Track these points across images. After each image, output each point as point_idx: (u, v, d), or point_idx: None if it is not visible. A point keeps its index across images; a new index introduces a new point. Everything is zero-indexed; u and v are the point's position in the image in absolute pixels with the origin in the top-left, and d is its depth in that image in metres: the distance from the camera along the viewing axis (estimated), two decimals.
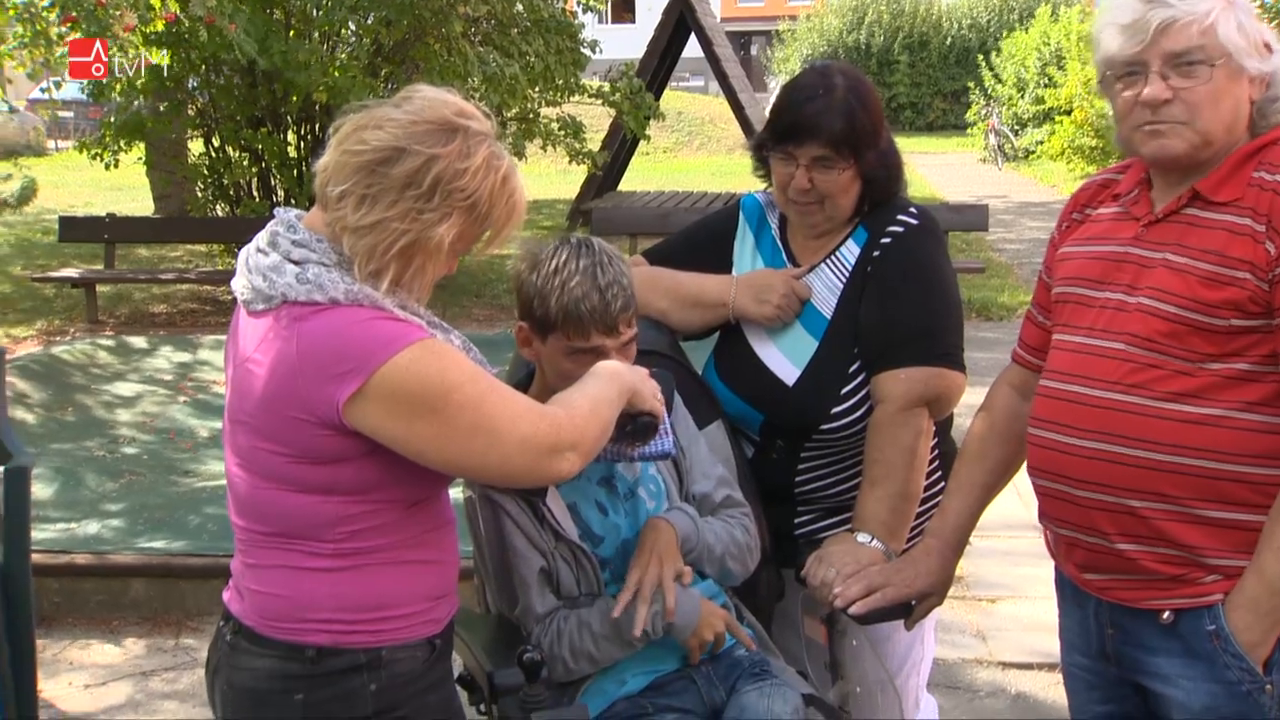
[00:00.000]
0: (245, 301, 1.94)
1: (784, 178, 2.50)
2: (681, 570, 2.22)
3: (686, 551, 2.28)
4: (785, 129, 2.47)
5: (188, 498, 5.67)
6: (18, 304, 10.57)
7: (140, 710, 3.95)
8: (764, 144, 2.54)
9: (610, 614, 2.22)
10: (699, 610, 2.28)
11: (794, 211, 2.55)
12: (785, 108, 2.49)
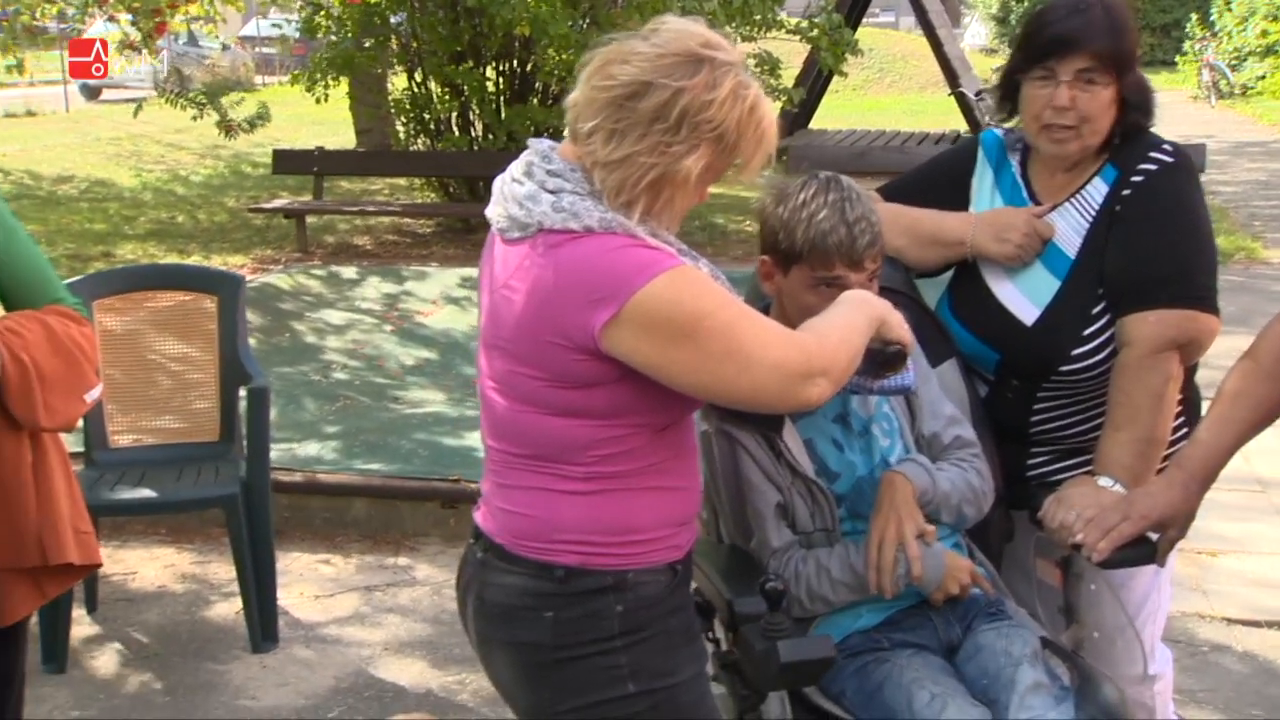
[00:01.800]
0: (501, 229, 1.98)
1: (1040, 100, 2.42)
2: (924, 528, 2.22)
3: (924, 504, 2.26)
4: (1047, 43, 2.39)
5: (398, 423, 5.88)
6: (232, 233, 11.05)
7: (365, 623, 4.13)
8: (1016, 69, 2.47)
9: (849, 561, 2.24)
10: (943, 566, 2.27)
11: (1047, 139, 2.46)
12: (1044, 24, 2.42)
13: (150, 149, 16.57)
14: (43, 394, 2.54)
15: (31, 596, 2.68)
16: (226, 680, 3.77)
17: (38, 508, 2.61)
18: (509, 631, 2.00)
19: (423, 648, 3.96)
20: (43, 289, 2.73)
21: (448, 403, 6.25)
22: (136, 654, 3.94)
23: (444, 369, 6.90)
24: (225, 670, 3.83)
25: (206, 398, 4.32)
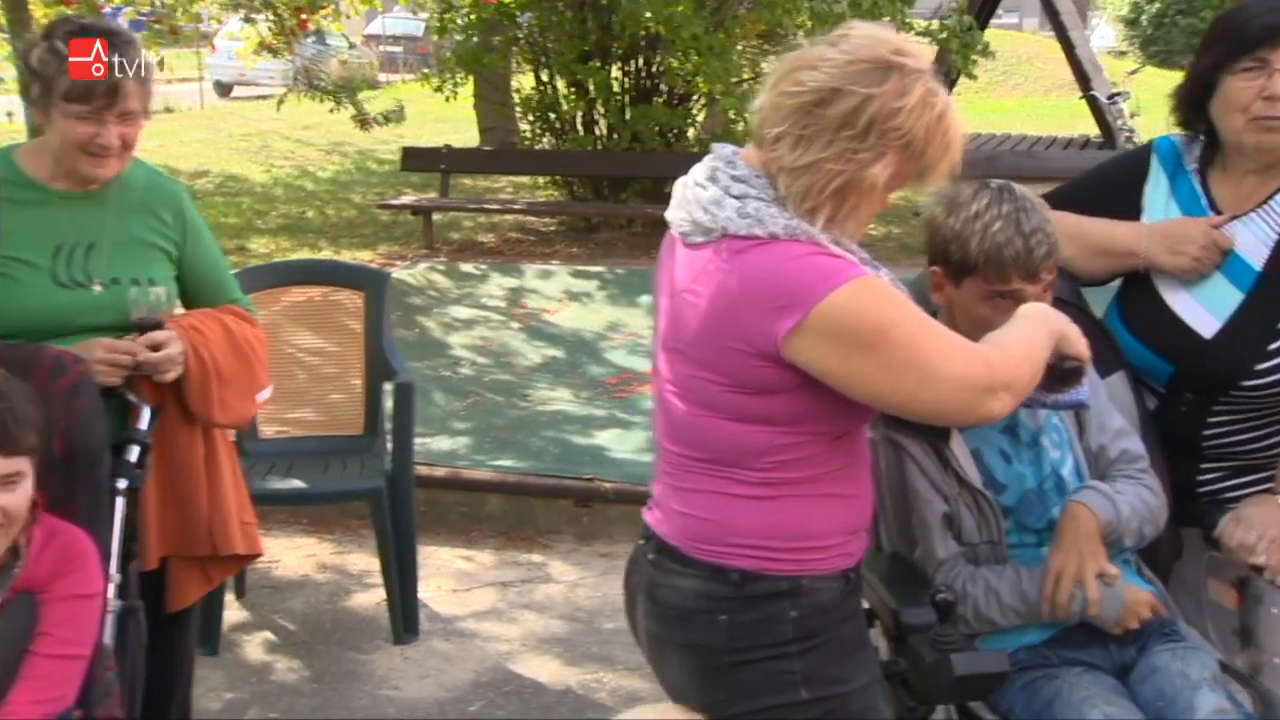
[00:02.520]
0: (683, 233, 1.99)
1: (1249, 92, 2.33)
2: (1106, 569, 2.18)
3: (1110, 536, 2.22)
4: (1259, 32, 2.32)
5: (528, 420, 5.94)
6: (360, 229, 11.24)
7: (502, 618, 4.18)
8: (1215, 65, 2.38)
9: (1021, 588, 2.21)
10: (1123, 603, 2.23)
11: (1256, 131, 2.36)
12: (1250, 17, 2.34)
13: (280, 145, 16.95)
14: (219, 391, 2.63)
15: (199, 583, 2.78)
16: (370, 670, 3.84)
17: (209, 500, 2.70)
18: (683, 633, 2.01)
19: (559, 645, 3.99)
20: (221, 289, 2.82)
21: (575, 401, 6.29)
22: (283, 640, 4.03)
23: (570, 367, 6.95)
24: (368, 660, 3.90)
25: (351, 392, 4.41)
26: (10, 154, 2.66)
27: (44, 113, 2.56)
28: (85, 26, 2.54)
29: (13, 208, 2.59)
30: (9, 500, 2.16)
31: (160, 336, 2.58)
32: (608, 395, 6.39)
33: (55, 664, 2.20)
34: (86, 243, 2.62)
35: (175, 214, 2.75)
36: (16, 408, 2.17)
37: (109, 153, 2.55)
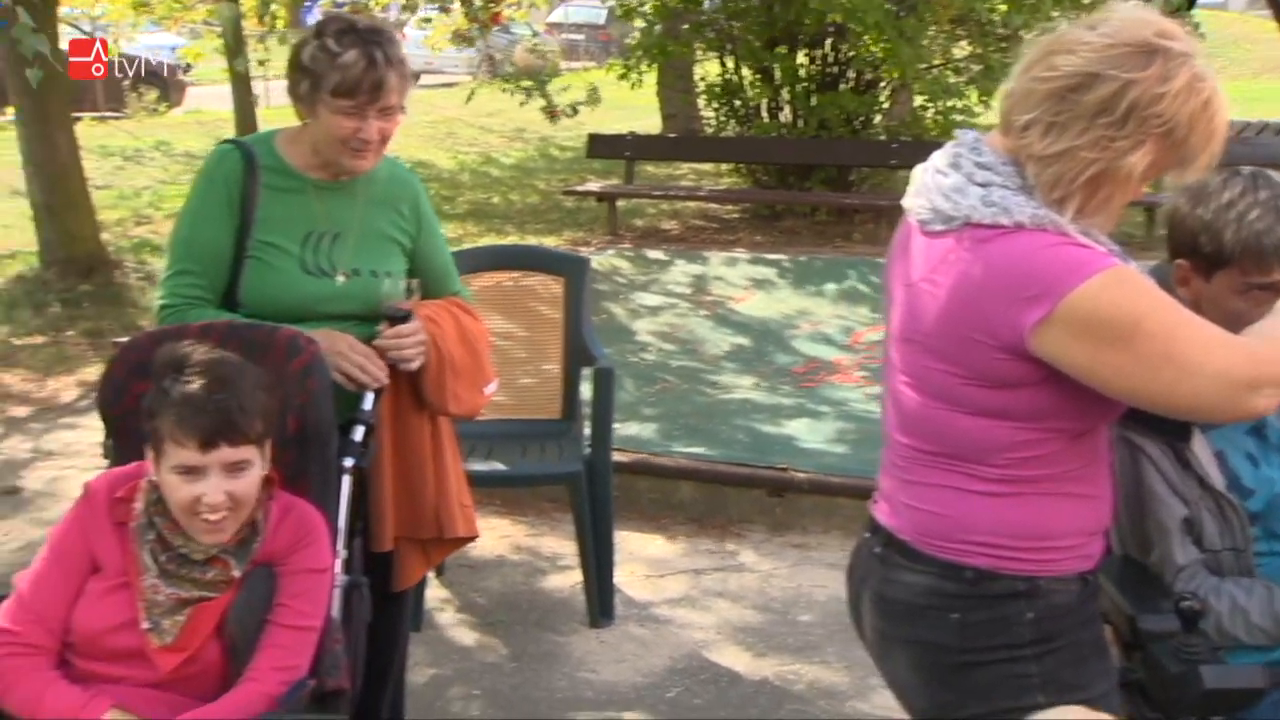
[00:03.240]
0: (922, 221, 1.94)
1: None
2: None
3: None
4: None
5: (716, 408, 5.92)
6: (545, 215, 11.40)
7: (696, 606, 4.18)
8: None
9: (1274, 608, 2.10)
10: None
11: None
12: None
13: (464, 131, 17.29)
14: (452, 383, 2.69)
15: (421, 564, 2.85)
16: (567, 652, 3.88)
17: (435, 485, 2.76)
18: (912, 630, 1.96)
19: (754, 635, 3.97)
20: (446, 281, 2.89)
21: (762, 390, 6.25)
22: (482, 619, 4.10)
23: (757, 355, 6.91)
24: (565, 642, 3.94)
25: (545, 376, 4.46)
26: (272, 140, 2.75)
27: (309, 108, 2.63)
28: (352, 25, 2.60)
29: (271, 194, 2.68)
30: (235, 486, 2.22)
31: (408, 328, 2.65)
32: (795, 384, 6.34)
33: (292, 634, 2.27)
34: (334, 232, 2.71)
35: (412, 207, 2.83)
36: (243, 398, 2.22)
37: (369, 147, 2.62)
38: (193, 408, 2.19)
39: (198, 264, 2.68)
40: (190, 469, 2.20)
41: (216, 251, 2.67)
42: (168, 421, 2.21)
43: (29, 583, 2.27)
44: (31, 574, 2.29)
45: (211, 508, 2.20)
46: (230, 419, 2.19)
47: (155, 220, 11.12)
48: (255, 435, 2.23)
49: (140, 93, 18.54)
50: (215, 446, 2.18)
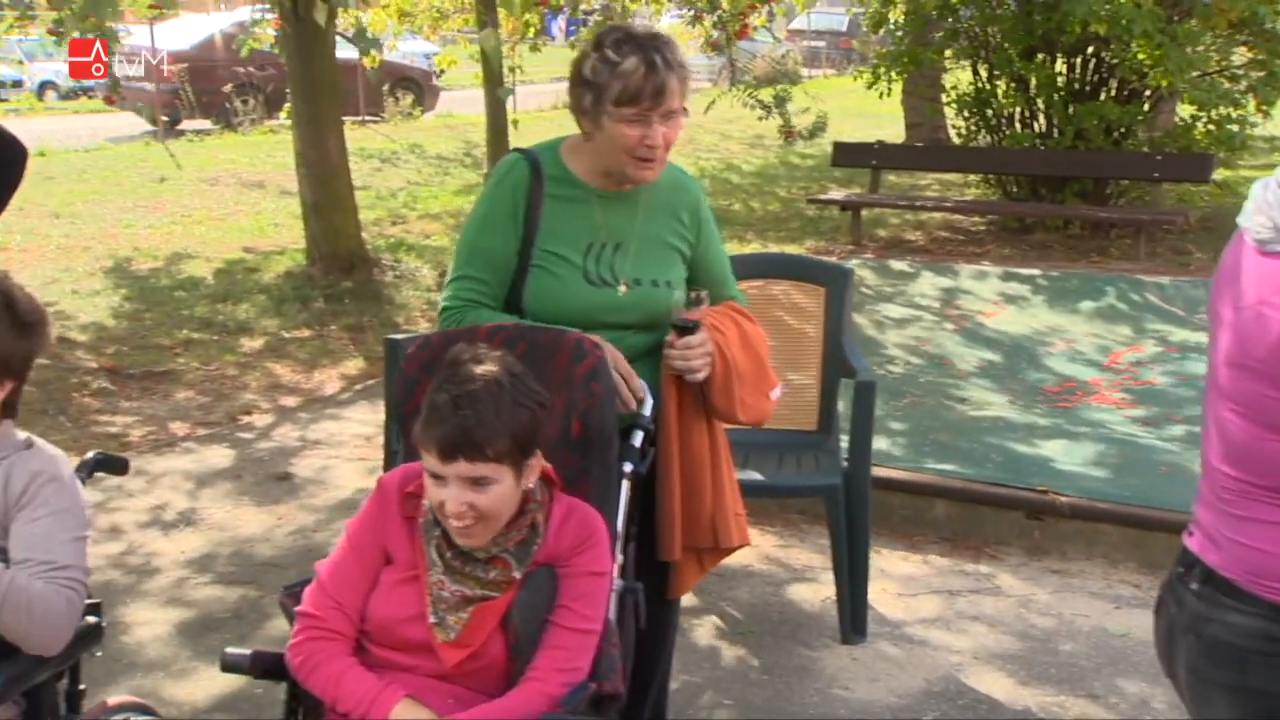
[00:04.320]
0: (1260, 241, 1.82)
1: None
2: None
3: None
4: None
5: (968, 425, 5.76)
6: (786, 223, 11.36)
7: (950, 628, 4.07)
8: None
9: None
10: None
11: None
12: None
13: (704, 138, 17.41)
14: (739, 390, 2.68)
15: (695, 573, 2.85)
16: (819, 668, 3.83)
17: (713, 493, 2.76)
18: (1237, 675, 1.84)
19: (1013, 662, 3.84)
20: (724, 287, 2.88)
21: (1015, 408, 6.06)
22: (732, 629, 4.10)
23: (1009, 372, 6.70)
24: (817, 658, 3.90)
25: (807, 386, 4.41)
26: (558, 149, 2.79)
27: (594, 121, 2.64)
28: (629, 33, 2.62)
29: (555, 203, 2.73)
30: (477, 499, 2.24)
31: (696, 339, 2.66)
32: (1050, 404, 6.12)
33: (573, 636, 2.30)
34: (615, 242, 2.73)
35: (692, 213, 2.82)
36: (488, 416, 2.20)
37: (655, 154, 2.63)
38: (436, 417, 2.23)
39: (481, 270, 2.74)
40: (435, 475, 2.25)
41: (500, 258, 2.73)
42: (420, 425, 2.26)
43: (328, 570, 2.37)
44: (331, 562, 2.38)
45: (454, 515, 2.24)
46: (470, 436, 2.19)
47: (409, 220, 11.58)
48: (497, 454, 2.21)
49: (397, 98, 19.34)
50: (453, 459, 2.21)
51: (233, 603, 4.25)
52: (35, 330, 2.40)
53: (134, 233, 10.72)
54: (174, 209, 11.75)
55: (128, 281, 9.01)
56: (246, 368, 7.16)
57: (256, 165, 14.15)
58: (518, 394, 2.26)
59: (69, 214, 11.27)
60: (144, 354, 7.32)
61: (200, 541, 4.77)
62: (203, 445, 5.90)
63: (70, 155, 14.62)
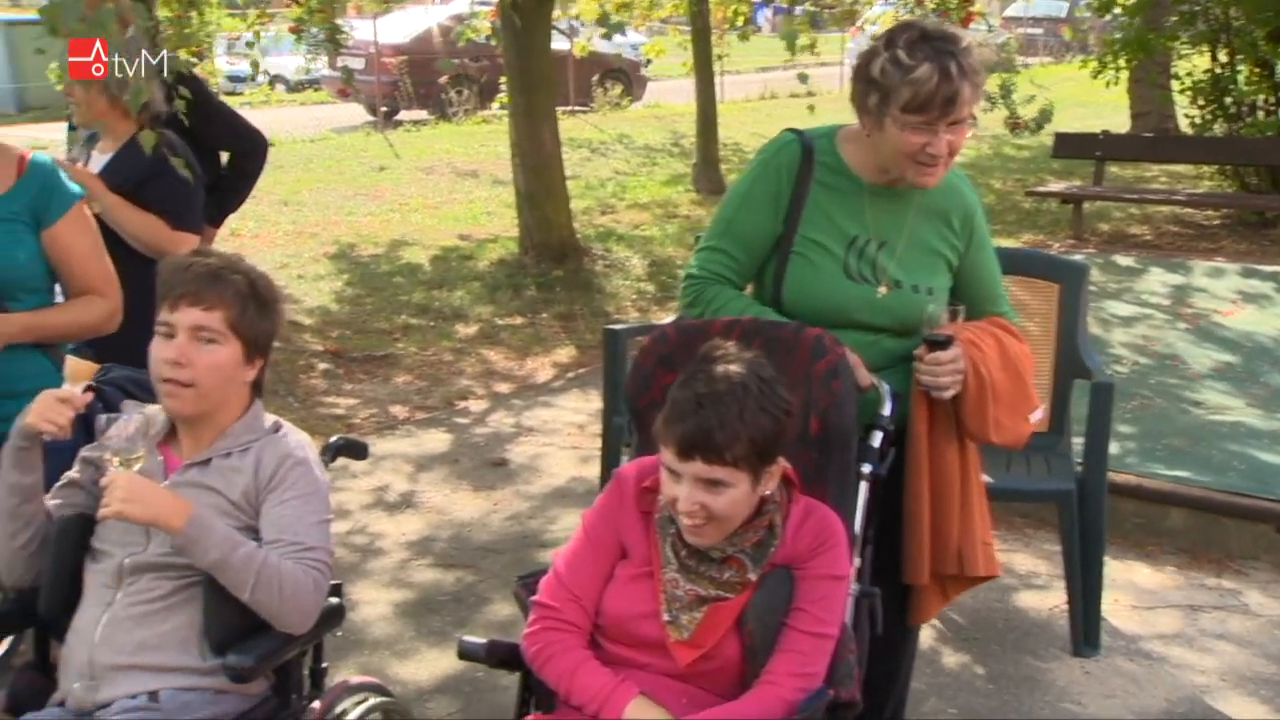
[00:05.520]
0: None
1: None
2: None
3: None
4: None
5: (1204, 430, 5.45)
6: (1001, 215, 11.00)
7: (1193, 645, 3.85)
8: None
9: None
10: None
11: None
12: None
13: None
14: (994, 410, 2.56)
15: (938, 600, 2.74)
16: (1049, 680, 3.67)
17: (960, 519, 2.64)
18: None
19: (1267, 687, 3.60)
20: (991, 302, 2.75)
21: (1256, 414, 5.70)
22: (956, 635, 3.96)
23: (1249, 375, 6.32)
24: (1046, 669, 3.73)
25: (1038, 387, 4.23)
26: (834, 136, 2.70)
27: (876, 121, 2.54)
28: (924, 34, 2.49)
29: (822, 190, 2.65)
30: (710, 500, 2.18)
31: (947, 355, 2.54)
32: None
33: (810, 640, 2.24)
34: (879, 240, 2.64)
35: (964, 220, 2.70)
36: (730, 419, 2.14)
37: (937, 162, 2.53)
38: (678, 414, 2.18)
39: (732, 245, 2.68)
40: (671, 470, 2.20)
41: (754, 237, 2.66)
42: (660, 418, 2.22)
43: (565, 562, 2.36)
44: (567, 554, 2.37)
45: (685, 513, 2.19)
46: (709, 437, 2.14)
47: (618, 210, 11.67)
48: (735, 458, 2.15)
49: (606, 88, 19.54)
50: (690, 458, 2.16)
51: (451, 586, 4.33)
52: (276, 310, 2.47)
53: (355, 220, 11.09)
54: (392, 197, 12.11)
55: (350, 267, 9.32)
56: (462, 353, 7.31)
57: (470, 154, 14.49)
58: (764, 399, 2.19)
59: (296, 201, 11.73)
60: (365, 338, 7.55)
61: (420, 524, 4.88)
62: (421, 429, 6.04)
63: (297, 145, 15.23)
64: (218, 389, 2.37)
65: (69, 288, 2.88)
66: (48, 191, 2.82)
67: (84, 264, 2.89)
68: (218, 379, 2.36)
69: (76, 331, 2.93)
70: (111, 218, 3.61)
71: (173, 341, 2.35)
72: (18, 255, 2.77)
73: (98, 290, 2.91)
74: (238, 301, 2.37)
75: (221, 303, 2.36)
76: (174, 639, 2.29)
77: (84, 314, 2.89)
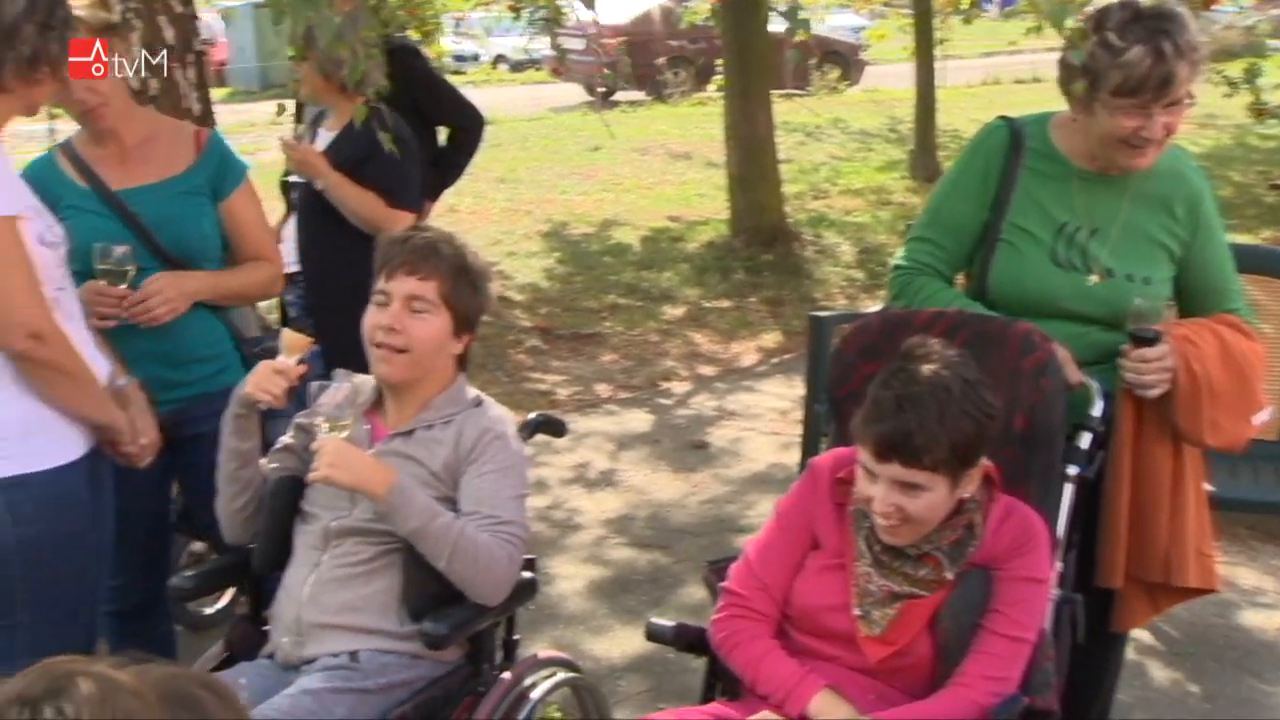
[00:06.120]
0: None
1: None
2: None
3: None
4: None
5: None
6: (1241, 210, 10.41)
7: None
8: None
9: None
10: None
11: None
12: None
13: None
14: (1210, 410, 2.42)
15: (1146, 609, 2.61)
16: (1273, 703, 3.47)
17: (1169, 525, 2.51)
18: None
19: None
20: (1219, 296, 2.60)
21: None
22: (1168, 647, 3.78)
23: None
24: (1271, 692, 3.53)
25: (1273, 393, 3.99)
26: (1045, 123, 2.61)
27: (1084, 107, 2.46)
28: (1137, 14, 2.37)
29: (1032, 178, 2.57)
30: (906, 503, 2.11)
31: (1153, 353, 2.42)
32: None
33: (1005, 644, 2.16)
34: (1091, 227, 2.53)
35: (1189, 208, 2.56)
36: (931, 423, 2.08)
37: (1150, 144, 2.42)
38: (877, 414, 2.12)
39: (940, 234, 2.63)
40: (867, 470, 2.15)
41: (963, 225, 2.60)
42: (859, 416, 2.17)
43: (756, 550, 2.34)
44: (759, 542, 2.35)
45: (880, 514, 2.14)
46: (908, 441, 2.08)
47: (830, 195, 11.52)
48: (934, 462, 2.09)
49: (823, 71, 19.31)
50: (887, 460, 2.11)
51: (646, 566, 4.35)
52: (486, 288, 2.52)
53: (569, 199, 11.26)
54: (606, 177, 12.25)
55: (561, 245, 9.47)
56: (667, 335, 7.34)
57: (685, 136, 14.52)
58: (966, 402, 2.12)
59: (512, 179, 11.98)
60: (573, 316, 7.66)
61: (619, 502, 4.92)
62: (624, 408, 6.10)
63: (516, 124, 15.55)
64: (427, 357, 2.44)
65: (239, 254, 3.01)
66: (224, 165, 2.96)
67: (254, 232, 3.03)
68: (429, 347, 2.43)
69: (250, 293, 3.08)
70: (333, 195, 3.74)
71: (388, 309, 2.42)
72: (203, 225, 2.91)
73: (265, 256, 3.05)
74: (451, 274, 2.43)
75: (435, 274, 2.42)
76: (375, 603, 2.36)
77: (254, 277, 3.02)
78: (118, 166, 2.85)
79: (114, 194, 2.82)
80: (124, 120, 2.83)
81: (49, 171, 2.83)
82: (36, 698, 0.88)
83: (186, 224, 2.87)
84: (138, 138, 2.87)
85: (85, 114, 2.78)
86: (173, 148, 2.90)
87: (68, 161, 2.86)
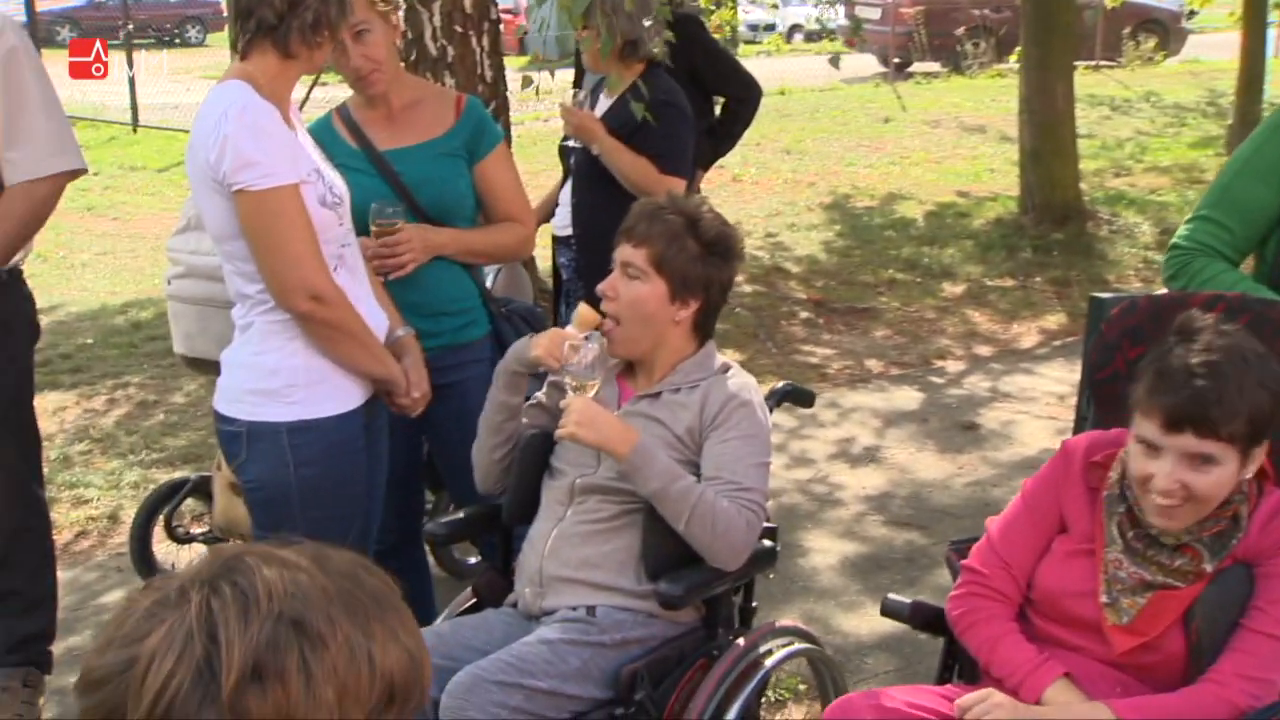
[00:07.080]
0: None
1: None
2: None
3: None
4: None
5: None
6: None
7: None
8: None
9: None
10: None
11: None
12: None
13: None
14: None
15: None
16: None
17: None
18: None
19: None
20: None
21: None
22: None
23: None
24: None
25: None
26: None
27: None
28: None
29: None
30: (1193, 479, 1.98)
31: None
32: None
33: (1267, 643, 2.03)
34: None
35: None
36: (1230, 392, 1.96)
37: None
38: (1169, 383, 2.00)
39: (1225, 214, 2.48)
40: (1150, 444, 2.03)
41: (1252, 207, 2.44)
42: (1143, 388, 2.05)
43: (999, 529, 2.27)
44: (1003, 521, 2.28)
45: (1162, 492, 2.01)
46: (1205, 410, 1.96)
47: (1134, 173, 10.94)
48: (1231, 434, 1.97)
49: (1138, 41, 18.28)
50: (1179, 431, 1.98)
51: (902, 545, 4.28)
52: (720, 258, 2.51)
53: (854, 171, 11.12)
54: (894, 150, 12.02)
55: (843, 218, 9.37)
56: (945, 312, 7.17)
57: (980, 109, 14.08)
58: (1263, 374, 2.00)
59: (799, 150, 11.92)
60: (849, 290, 7.58)
61: (880, 480, 4.86)
62: (894, 385, 6.00)
63: (806, 94, 15.45)
64: (638, 323, 2.47)
65: (492, 215, 3.11)
66: (480, 129, 3.05)
67: (507, 193, 3.11)
68: (637, 313, 2.47)
69: (495, 252, 3.16)
70: (607, 160, 3.83)
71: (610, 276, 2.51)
72: (460, 185, 3.02)
73: (518, 218, 3.13)
74: (665, 240, 2.45)
75: (648, 240, 2.46)
76: (613, 560, 2.42)
77: (503, 236, 3.11)
78: (385, 128, 3.01)
79: (380, 154, 2.98)
80: (394, 85, 2.98)
81: (326, 132, 3.02)
82: (215, 575, 0.96)
83: (444, 184, 3.00)
84: (404, 101, 3.02)
85: (359, 80, 2.94)
86: (435, 112, 3.04)
87: (341, 123, 3.05)
